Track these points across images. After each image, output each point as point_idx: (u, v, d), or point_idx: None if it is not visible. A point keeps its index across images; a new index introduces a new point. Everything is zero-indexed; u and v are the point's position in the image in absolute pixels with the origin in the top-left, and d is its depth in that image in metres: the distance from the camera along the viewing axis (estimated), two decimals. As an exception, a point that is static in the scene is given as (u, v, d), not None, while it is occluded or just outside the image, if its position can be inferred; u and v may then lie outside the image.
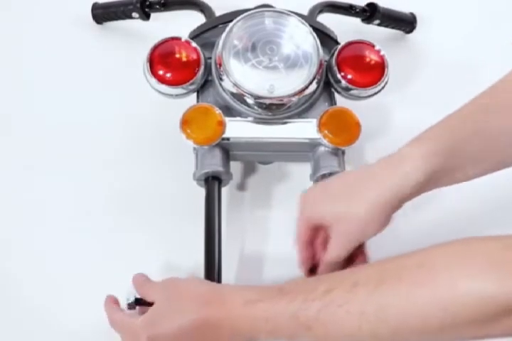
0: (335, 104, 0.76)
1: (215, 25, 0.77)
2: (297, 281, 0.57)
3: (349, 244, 0.62)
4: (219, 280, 0.65)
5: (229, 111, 0.73)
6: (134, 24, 0.90)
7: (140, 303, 0.63)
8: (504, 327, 0.46)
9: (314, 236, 0.65)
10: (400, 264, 0.51)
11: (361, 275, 0.52)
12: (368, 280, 0.50)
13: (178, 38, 0.73)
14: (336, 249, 0.62)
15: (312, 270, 0.66)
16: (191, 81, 0.72)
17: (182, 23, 0.80)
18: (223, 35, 0.71)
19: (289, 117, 0.73)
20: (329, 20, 0.82)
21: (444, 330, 0.48)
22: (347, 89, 0.75)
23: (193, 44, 0.73)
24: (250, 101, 0.71)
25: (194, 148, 0.73)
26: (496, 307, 0.45)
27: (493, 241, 0.48)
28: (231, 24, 0.72)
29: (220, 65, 0.71)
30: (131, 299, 0.63)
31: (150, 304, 0.64)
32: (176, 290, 0.60)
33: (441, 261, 0.48)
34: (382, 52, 0.76)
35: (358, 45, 0.76)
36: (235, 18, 0.72)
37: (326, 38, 0.78)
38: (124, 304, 0.64)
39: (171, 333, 0.57)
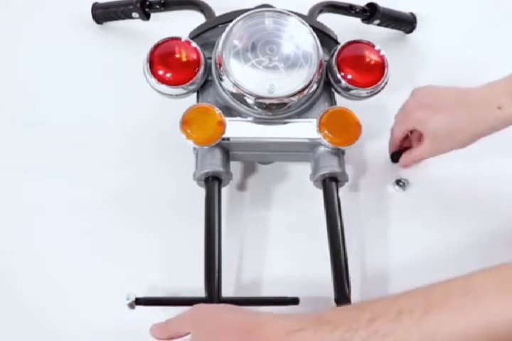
0: (335, 104, 0.76)
1: (215, 25, 0.77)
2: (337, 309, 0.56)
3: (436, 152, 0.76)
4: (219, 280, 0.65)
5: (229, 111, 0.73)
6: (134, 24, 0.90)
7: (140, 303, 0.63)
8: None
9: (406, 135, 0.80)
10: (444, 291, 0.50)
11: (405, 304, 0.51)
12: (413, 309, 0.49)
13: (178, 38, 0.73)
14: (424, 153, 0.77)
15: (393, 155, 0.82)
16: (191, 81, 0.72)
17: (182, 23, 0.79)
18: (223, 35, 0.71)
19: (289, 117, 0.73)
20: (329, 20, 0.82)
21: None
22: (347, 89, 0.75)
23: (193, 44, 0.73)
24: (250, 101, 0.71)
25: (194, 148, 0.73)
26: None
27: None
28: (231, 24, 0.72)
29: (220, 64, 0.71)
30: (132, 298, 0.63)
31: (152, 303, 0.64)
32: (213, 322, 0.58)
33: (488, 287, 0.48)
34: (382, 52, 0.76)
35: (358, 45, 0.76)
36: (235, 18, 0.72)
37: (326, 38, 0.78)
38: (122, 304, 0.64)
39: None
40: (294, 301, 0.65)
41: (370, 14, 0.90)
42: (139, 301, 0.63)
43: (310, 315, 0.55)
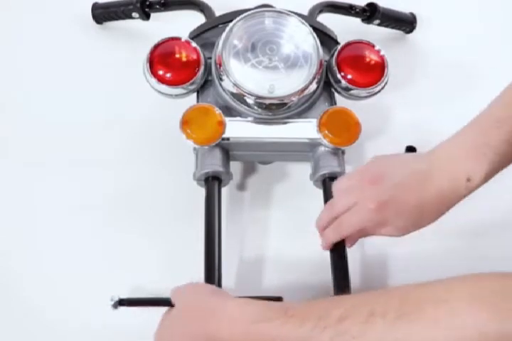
0: (335, 104, 0.76)
1: (215, 25, 0.77)
2: (305, 304, 0.54)
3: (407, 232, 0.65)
4: (219, 280, 0.65)
5: (229, 111, 0.73)
6: (134, 24, 0.90)
7: (123, 304, 0.63)
8: None
9: None
10: (418, 297, 0.49)
11: (378, 304, 0.49)
12: (386, 311, 0.48)
13: (178, 38, 0.73)
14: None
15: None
16: (191, 81, 0.72)
17: (182, 23, 0.80)
18: (223, 35, 0.71)
19: (289, 117, 0.73)
20: (329, 20, 0.82)
21: None
22: (347, 89, 0.75)
23: (193, 44, 0.73)
24: (250, 101, 0.71)
25: (194, 148, 0.73)
26: None
27: (507, 280, 0.47)
28: (231, 24, 0.72)
29: (220, 64, 0.71)
30: (115, 299, 0.63)
31: (135, 304, 0.64)
32: (185, 301, 0.59)
33: (460, 298, 0.46)
34: (382, 52, 0.76)
35: (358, 45, 0.76)
36: (235, 18, 0.72)
37: (326, 37, 0.78)
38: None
39: None
40: (278, 300, 0.65)
41: (370, 14, 0.90)
42: (123, 302, 0.63)
43: (277, 306, 0.54)
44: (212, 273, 0.64)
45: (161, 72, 0.72)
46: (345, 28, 0.83)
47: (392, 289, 0.52)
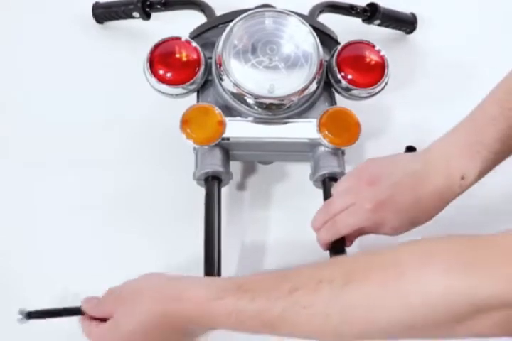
0: (335, 104, 0.76)
1: (215, 25, 0.77)
2: (257, 278, 0.54)
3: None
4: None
5: (229, 111, 0.73)
6: (135, 24, 0.90)
7: (32, 317, 0.61)
8: (470, 327, 0.45)
9: None
10: (366, 263, 0.49)
11: (326, 273, 0.50)
12: (333, 278, 0.48)
13: (178, 38, 0.73)
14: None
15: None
16: (191, 81, 0.72)
17: (183, 23, 0.80)
18: (223, 35, 0.71)
19: (289, 117, 0.73)
20: (330, 21, 0.82)
21: (412, 331, 0.46)
22: (347, 89, 0.75)
23: (193, 44, 0.73)
24: (250, 101, 0.71)
25: (194, 148, 0.73)
26: (462, 307, 0.44)
27: (460, 241, 0.47)
28: (231, 24, 0.72)
29: (220, 64, 0.71)
30: (24, 312, 0.61)
31: (43, 317, 0.62)
32: (133, 289, 0.58)
33: (408, 261, 0.47)
34: (382, 53, 0.76)
35: (359, 45, 0.76)
36: (236, 18, 0.72)
37: (326, 37, 0.78)
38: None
39: (133, 329, 0.57)
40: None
41: (370, 14, 0.90)
42: (32, 314, 0.61)
43: (231, 282, 0.54)
44: (212, 273, 0.64)
45: (161, 72, 0.72)
46: (345, 28, 0.83)
47: (341, 257, 0.53)
